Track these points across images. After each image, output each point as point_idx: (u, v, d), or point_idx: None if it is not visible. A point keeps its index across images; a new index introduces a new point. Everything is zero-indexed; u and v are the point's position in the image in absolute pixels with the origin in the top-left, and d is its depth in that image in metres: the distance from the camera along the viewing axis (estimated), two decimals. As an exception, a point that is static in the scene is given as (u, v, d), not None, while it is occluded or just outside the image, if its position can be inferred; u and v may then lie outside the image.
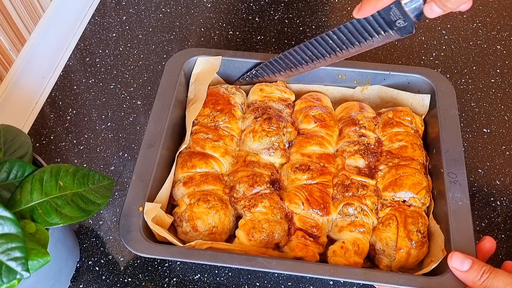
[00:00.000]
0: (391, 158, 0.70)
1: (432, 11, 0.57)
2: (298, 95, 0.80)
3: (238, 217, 0.68)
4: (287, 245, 0.64)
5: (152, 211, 0.63)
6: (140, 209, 0.63)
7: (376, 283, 0.59)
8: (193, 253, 0.61)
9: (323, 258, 0.64)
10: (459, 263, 0.56)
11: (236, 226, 0.67)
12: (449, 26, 0.99)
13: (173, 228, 0.67)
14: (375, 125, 0.74)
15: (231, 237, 0.67)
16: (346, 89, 0.80)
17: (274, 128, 0.72)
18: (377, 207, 0.66)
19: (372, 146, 0.72)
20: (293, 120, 0.76)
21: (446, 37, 0.97)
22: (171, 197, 0.69)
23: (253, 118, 0.74)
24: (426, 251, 0.64)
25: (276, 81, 0.79)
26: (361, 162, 0.70)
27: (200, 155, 0.70)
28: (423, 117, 0.77)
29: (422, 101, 0.77)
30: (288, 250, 0.64)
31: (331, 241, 0.66)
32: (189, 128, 0.73)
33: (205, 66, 0.78)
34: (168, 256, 0.61)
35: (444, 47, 0.95)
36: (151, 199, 0.65)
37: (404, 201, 0.66)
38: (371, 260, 0.66)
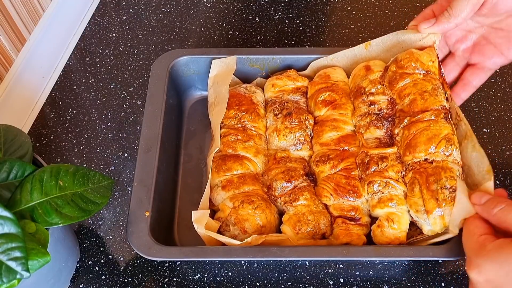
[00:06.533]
0: (403, 117, 0.65)
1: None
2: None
3: (280, 214, 0.68)
4: (332, 235, 0.64)
5: (202, 219, 0.62)
6: (146, 214, 0.63)
7: (388, 258, 0.59)
8: (206, 252, 0.61)
9: (370, 238, 0.64)
10: (478, 198, 0.56)
11: (280, 222, 0.67)
12: (449, 26, 0.99)
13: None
14: (383, 85, 0.69)
15: None
16: (349, 51, 0.76)
17: (296, 123, 0.72)
18: (403, 175, 0.63)
19: (385, 111, 0.68)
20: (309, 109, 0.75)
21: (446, 37, 0.97)
22: (209, 202, 0.69)
23: (273, 115, 0.74)
24: None
25: (286, 71, 0.79)
26: (378, 133, 0.67)
27: (234, 157, 0.70)
28: (435, 43, 0.68)
29: (428, 35, 0.68)
30: (333, 239, 0.64)
31: (375, 219, 0.65)
32: (216, 131, 0.72)
33: (221, 68, 0.78)
34: (182, 257, 0.61)
35: (444, 47, 0.95)
36: (156, 204, 0.65)
37: (426, 159, 0.62)
38: (420, 228, 0.63)
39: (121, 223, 0.74)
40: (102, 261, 0.71)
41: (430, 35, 0.68)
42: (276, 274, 0.69)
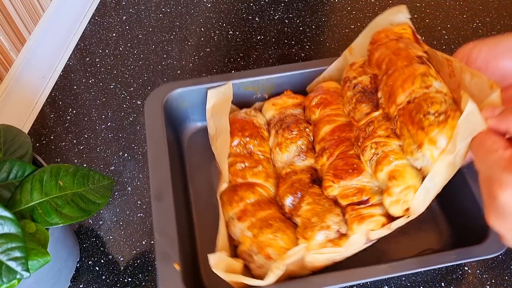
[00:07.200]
0: (381, 79, 0.62)
1: None
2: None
3: None
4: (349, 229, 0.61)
5: (221, 262, 0.59)
6: (176, 267, 0.59)
7: (431, 267, 0.58)
8: None
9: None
10: (490, 111, 0.49)
11: None
12: (449, 26, 0.99)
13: (245, 269, 0.63)
14: (363, 68, 0.68)
15: None
16: (337, 63, 0.76)
17: (296, 133, 0.70)
18: (394, 128, 0.59)
19: (369, 86, 0.65)
20: (307, 119, 0.74)
21: (446, 37, 0.97)
22: (230, 238, 0.66)
23: (274, 133, 0.72)
24: (454, 123, 0.52)
25: (283, 92, 0.77)
26: (365, 108, 0.65)
27: (245, 186, 0.67)
28: (405, 16, 0.67)
29: (396, 14, 0.67)
30: (350, 232, 0.60)
31: None
32: (223, 164, 0.69)
33: (217, 98, 0.75)
34: None
35: (444, 47, 0.95)
36: (184, 253, 0.62)
37: (408, 102, 0.57)
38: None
39: (121, 223, 0.74)
40: (102, 261, 0.71)
41: (399, 15, 0.67)
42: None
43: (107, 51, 0.95)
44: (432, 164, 0.53)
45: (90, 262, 0.71)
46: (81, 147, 0.82)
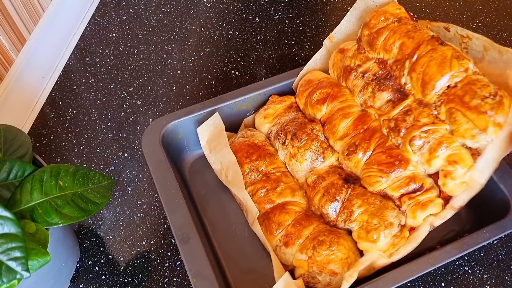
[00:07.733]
0: (402, 65, 0.62)
1: None
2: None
3: (350, 233, 0.63)
4: (407, 218, 0.60)
5: (290, 286, 0.58)
6: None
7: (470, 249, 0.59)
8: None
9: (445, 196, 0.60)
10: None
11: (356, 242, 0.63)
12: (449, 26, 0.99)
13: None
14: (363, 53, 0.67)
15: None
16: (318, 54, 0.75)
17: (306, 138, 0.68)
18: (436, 115, 0.59)
19: (380, 73, 0.65)
20: (309, 117, 0.72)
21: (446, 37, 0.97)
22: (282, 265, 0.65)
23: (281, 145, 0.70)
24: (508, 100, 0.54)
25: (268, 100, 0.76)
26: (386, 95, 0.64)
27: (277, 210, 0.65)
28: None
29: None
30: (411, 223, 0.60)
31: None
32: (245, 196, 0.67)
33: (209, 132, 0.72)
34: None
35: (444, 47, 0.95)
36: None
37: (448, 86, 0.58)
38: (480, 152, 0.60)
39: (121, 223, 0.74)
40: (102, 261, 0.71)
41: None
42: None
43: (107, 51, 0.95)
44: (492, 135, 0.55)
45: (90, 262, 0.71)
46: (81, 147, 0.82)
